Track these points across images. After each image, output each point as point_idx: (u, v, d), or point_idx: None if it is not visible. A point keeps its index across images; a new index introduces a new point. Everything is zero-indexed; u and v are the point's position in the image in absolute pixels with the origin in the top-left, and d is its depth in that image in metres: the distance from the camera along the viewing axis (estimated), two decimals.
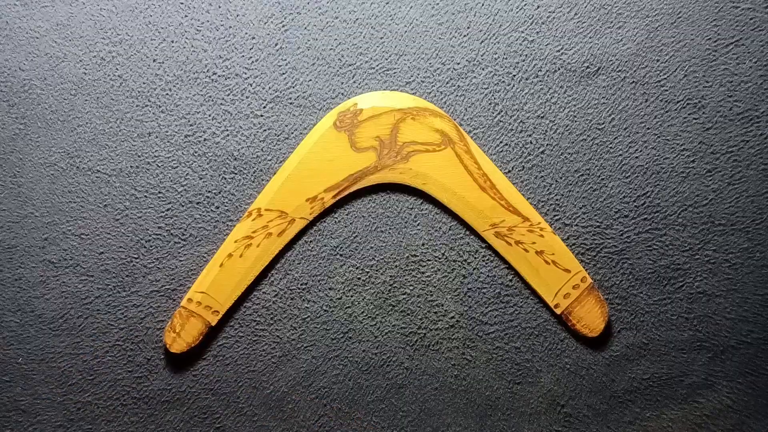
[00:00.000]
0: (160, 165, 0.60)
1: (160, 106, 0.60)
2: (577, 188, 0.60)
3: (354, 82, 0.60)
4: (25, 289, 0.60)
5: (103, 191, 0.60)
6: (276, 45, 0.60)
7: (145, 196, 0.60)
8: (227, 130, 0.60)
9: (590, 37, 0.59)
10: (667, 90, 0.59)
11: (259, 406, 0.61)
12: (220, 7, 0.60)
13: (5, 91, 0.61)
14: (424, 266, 0.61)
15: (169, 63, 0.60)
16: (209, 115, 0.60)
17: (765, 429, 0.60)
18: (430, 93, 0.60)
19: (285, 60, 0.60)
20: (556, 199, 0.60)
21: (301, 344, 0.61)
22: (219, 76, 0.60)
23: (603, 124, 0.60)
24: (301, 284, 0.61)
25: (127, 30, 0.60)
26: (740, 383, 0.60)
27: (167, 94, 0.60)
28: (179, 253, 0.60)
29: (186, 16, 0.60)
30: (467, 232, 0.60)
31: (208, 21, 0.60)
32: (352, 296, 0.61)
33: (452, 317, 0.61)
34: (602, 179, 0.60)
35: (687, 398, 0.60)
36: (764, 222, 0.59)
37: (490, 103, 0.60)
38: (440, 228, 0.61)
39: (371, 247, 0.61)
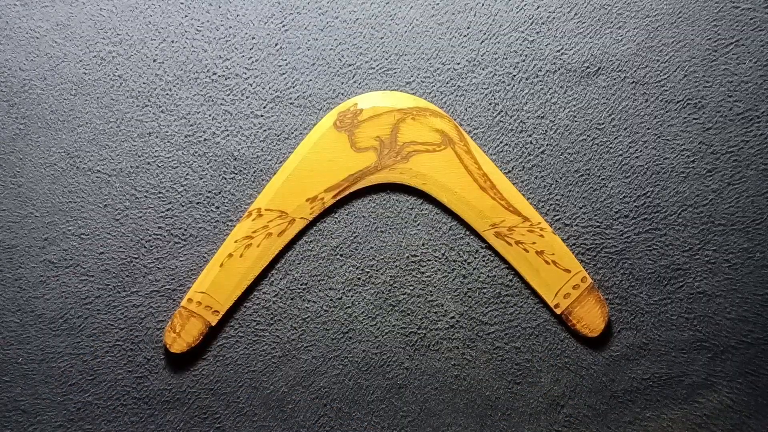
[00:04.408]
0: (160, 165, 0.60)
1: (160, 106, 0.60)
2: (577, 188, 0.60)
3: (354, 82, 0.60)
4: (25, 289, 0.60)
5: (103, 191, 0.60)
6: (276, 45, 0.60)
7: (145, 196, 0.60)
8: (227, 130, 0.60)
9: (590, 37, 0.59)
10: (667, 90, 0.59)
11: (259, 406, 0.61)
12: (220, 7, 0.60)
13: (5, 91, 0.61)
14: (424, 266, 0.61)
15: (169, 63, 0.60)
16: (209, 115, 0.60)
17: (765, 429, 0.60)
18: (430, 93, 0.60)
19: (285, 60, 0.60)
20: (556, 199, 0.60)
21: (301, 344, 0.61)
22: (219, 76, 0.60)
23: (603, 124, 0.60)
24: (301, 284, 0.61)
25: (127, 30, 0.60)
26: (740, 383, 0.60)
27: (167, 94, 0.60)
28: (179, 253, 0.61)
29: (186, 16, 0.60)
30: (467, 232, 0.60)
31: (208, 21, 0.60)
32: (352, 296, 0.61)
33: (452, 317, 0.61)
34: (602, 179, 0.60)
35: (687, 398, 0.60)
36: (764, 222, 0.59)
37: (490, 103, 0.60)
38: (440, 228, 0.61)
39: (371, 247, 0.61)
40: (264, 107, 0.60)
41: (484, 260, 0.60)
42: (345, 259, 0.61)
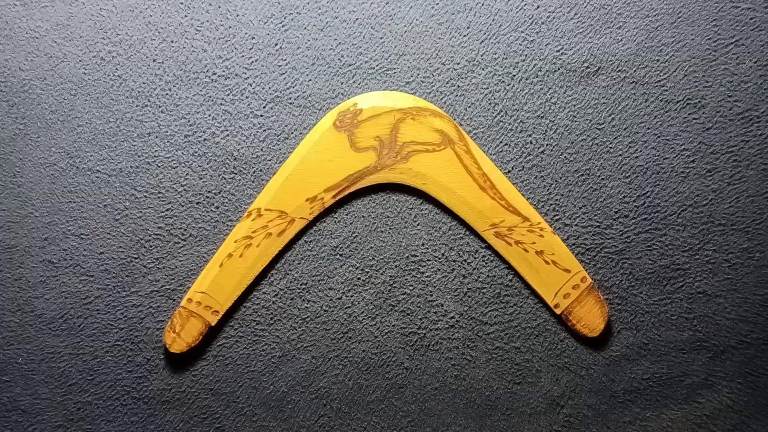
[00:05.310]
0: (160, 165, 0.60)
1: (160, 106, 0.60)
2: (577, 188, 0.60)
3: (354, 82, 0.60)
4: (25, 289, 0.60)
5: (103, 191, 0.60)
6: (276, 45, 0.60)
7: (145, 196, 0.60)
8: (227, 130, 0.60)
9: (590, 37, 0.59)
10: (667, 90, 0.59)
11: (259, 406, 0.61)
12: (220, 7, 0.60)
13: (5, 91, 0.61)
14: (424, 266, 0.61)
15: (169, 63, 0.60)
16: (209, 115, 0.60)
17: (765, 429, 0.60)
18: (430, 93, 0.60)
19: (285, 60, 0.60)
20: (556, 199, 0.60)
21: (301, 344, 0.61)
22: (219, 76, 0.60)
23: (603, 124, 0.60)
24: (301, 284, 0.61)
25: (127, 30, 0.60)
26: (740, 383, 0.60)
27: (167, 94, 0.60)
28: (179, 253, 0.61)
29: (186, 16, 0.60)
30: (467, 232, 0.60)
31: (208, 21, 0.60)
32: (352, 296, 0.61)
33: (452, 317, 0.61)
34: (602, 179, 0.60)
35: (687, 398, 0.60)
36: (764, 222, 0.59)
37: (490, 103, 0.60)
38: (440, 228, 0.61)
39: (371, 247, 0.61)
40: (264, 107, 0.60)
41: (484, 260, 0.60)
42: (345, 259, 0.61)
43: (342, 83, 0.60)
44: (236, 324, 0.61)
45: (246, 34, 0.60)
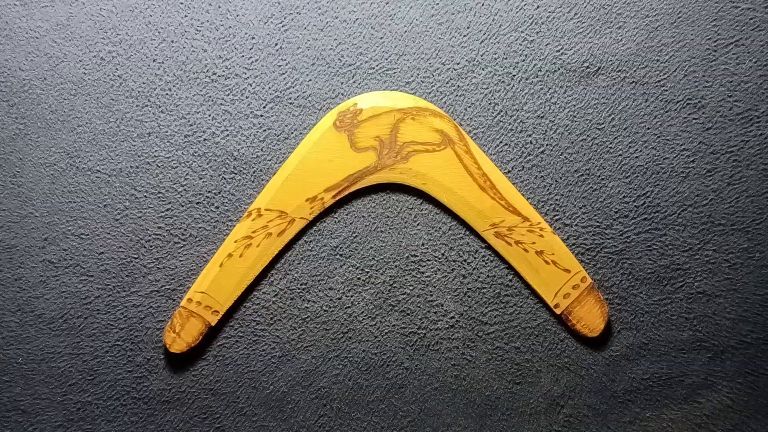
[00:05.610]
0: (160, 165, 0.60)
1: (160, 106, 0.60)
2: (577, 188, 0.60)
3: (354, 82, 0.60)
4: (25, 289, 0.60)
5: (103, 191, 0.60)
6: (276, 45, 0.60)
7: (145, 196, 0.60)
8: (227, 130, 0.60)
9: (590, 37, 0.59)
10: (667, 90, 0.59)
11: (259, 406, 0.61)
12: (220, 7, 0.60)
13: (5, 91, 0.61)
14: (424, 266, 0.61)
15: (169, 63, 0.60)
16: (209, 115, 0.60)
17: (765, 429, 0.60)
18: (430, 93, 0.60)
19: (285, 60, 0.60)
20: (556, 199, 0.60)
21: (301, 344, 0.61)
22: (219, 76, 0.60)
23: (603, 124, 0.60)
24: (301, 284, 0.61)
25: (127, 30, 0.60)
26: (740, 383, 0.60)
27: (167, 94, 0.60)
28: (179, 253, 0.61)
29: (186, 16, 0.60)
30: (467, 232, 0.60)
31: (208, 21, 0.60)
32: (352, 296, 0.61)
33: (452, 317, 0.61)
34: (602, 179, 0.60)
35: (687, 398, 0.60)
36: (764, 222, 0.59)
37: (490, 103, 0.60)
38: (440, 228, 0.61)
39: (371, 247, 0.61)
40: (264, 107, 0.60)
41: (484, 260, 0.60)
42: (345, 259, 0.61)
43: (342, 83, 0.60)
44: (236, 324, 0.61)
45: (246, 34, 0.60)
